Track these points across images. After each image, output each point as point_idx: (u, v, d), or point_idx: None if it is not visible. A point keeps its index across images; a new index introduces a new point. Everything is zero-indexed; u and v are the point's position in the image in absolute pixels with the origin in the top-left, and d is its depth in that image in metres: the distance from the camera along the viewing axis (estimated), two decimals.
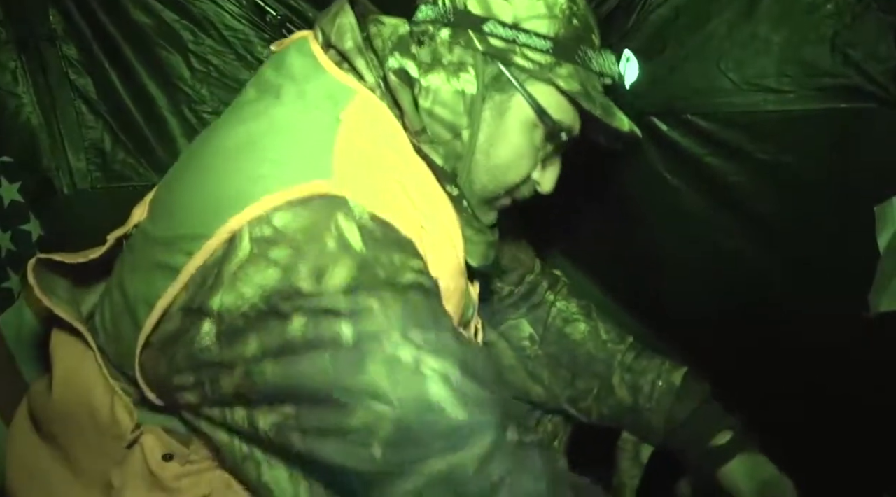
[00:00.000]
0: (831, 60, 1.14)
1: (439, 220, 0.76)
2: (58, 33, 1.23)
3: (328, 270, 0.62)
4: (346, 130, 0.70)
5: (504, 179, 0.80)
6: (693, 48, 1.22)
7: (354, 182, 0.66)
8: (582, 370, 1.03)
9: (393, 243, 0.66)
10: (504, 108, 0.76)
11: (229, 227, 0.64)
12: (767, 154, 1.23)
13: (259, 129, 0.73)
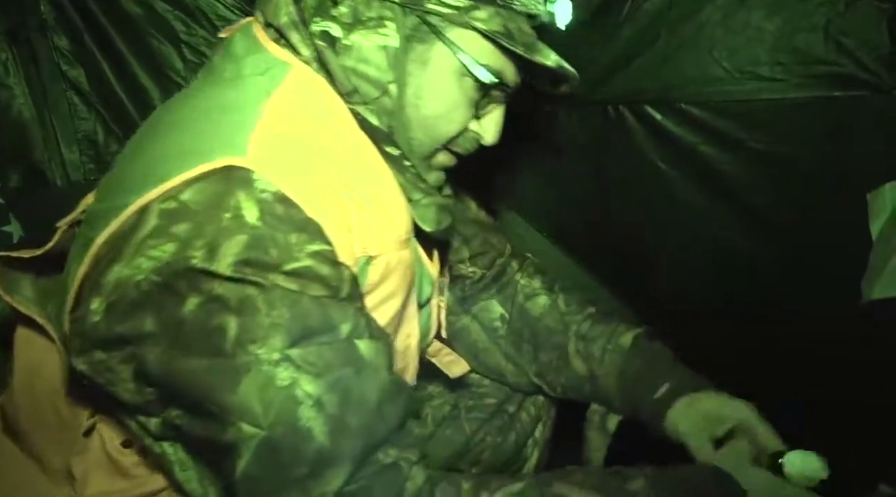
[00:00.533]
0: (824, 48, 1.14)
1: (379, 192, 0.75)
2: (49, 24, 1.23)
3: (221, 245, 0.61)
4: (274, 107, 0.69)
5: (438, 132, 0.78)
6: (686, 37, 1.22)
7: (267, 158, 0.65)
8: (543, 343, 1.02)
9: (294, 223, 0.64)
10: (427, 58, 0.74)
11: (142, 201, 0.63)
12: (761, 143, 1.23)
13: (191, 108, 0.73)
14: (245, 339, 0.61)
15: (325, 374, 0.62)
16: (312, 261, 0.64)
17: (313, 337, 0.63)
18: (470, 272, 1.04)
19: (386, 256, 0.74)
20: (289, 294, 0.62)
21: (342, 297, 0.66)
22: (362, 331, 0.66)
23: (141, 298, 0.62)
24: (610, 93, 1.33)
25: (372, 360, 0.66)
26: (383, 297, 0.76)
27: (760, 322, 1.31)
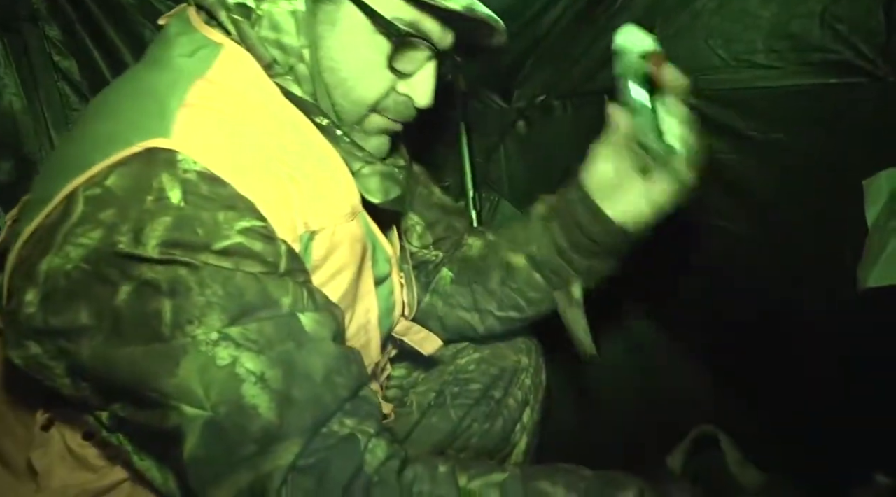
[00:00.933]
0: (820, 35, 1.13)
1: (319, 165, 0.74)
2: (41, 14, 1.21)
3: (146, 228, 0.60)
4: (202, 88, 0.69)
5: (358, 95, 0.76)
6: (681, 25, 1.21)
7: (193, 138, 0.64)
8: (484, 273, 1.01)
9: (221, 201, 0.63)
10: (336, 18, 0.72)
11: (68, 189, 0.63)
12: (757, 131, 1.22)
13: (118, 93, 0.73)
14: (181, 320, 0.60)
15: (266, 350, 0.61)
16: (243, 237, 0.62)
17: (252, 313, 0.62)
18: (433, 256, 1.04)
19: (330, 230, 0.73)
20: (221, 272, 0.61)
21: (281, 272, 0.65)
22: (305, 304, 0.65)
23: (73, 288, 0.61)
24: (605, 82, 1.32)
25: (315, 332, 0.65)
26: (332, 272, 0.75)
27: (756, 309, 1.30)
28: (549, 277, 0.96)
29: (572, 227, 0.93)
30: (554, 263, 0.95)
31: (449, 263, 1.05)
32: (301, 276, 0.68)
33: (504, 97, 1.45)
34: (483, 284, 1.01)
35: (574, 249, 0.94)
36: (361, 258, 0.80)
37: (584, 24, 1.31)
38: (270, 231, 0.66)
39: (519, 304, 1.00)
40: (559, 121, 1.41)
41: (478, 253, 1.03)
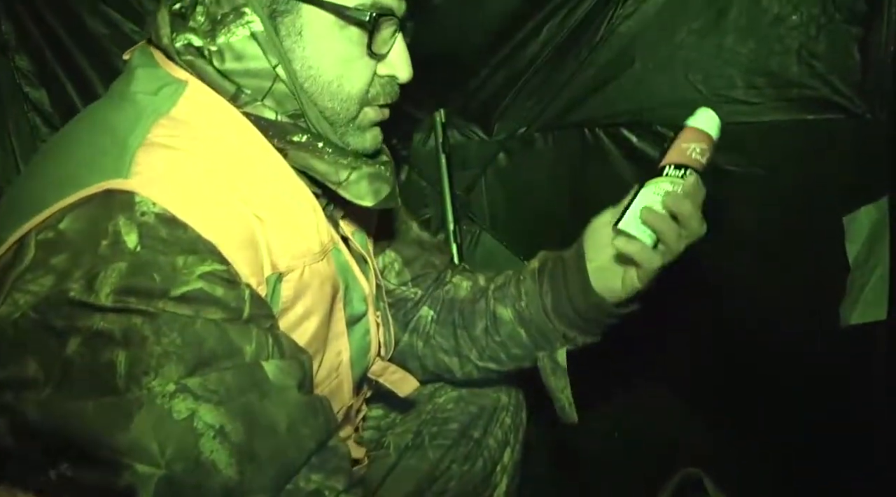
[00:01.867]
0: (798, 72, 1.15)
1: (287, 204, 0.71)
2: (10, 44, 1.19)
3: (99, 275, 0.57)
4: (164, 126, 0.66)
5: (347, 93, 0.73)
6: (661, 60, 1.23)
7: (153, 179, 0.61)
8: (470, 318, 0.96)
9: (180, 244, 0.60)
10: (300, 26, 0.70)
11: (20, 233, 0.59)
12: (737, 165, 1.23)
13: (78, 130, 0.70)
14: (136, 371, 0.56)
15: (226, 402, 0.58)
16: (204, 282, 0.59)
17: (213, 362, 0.59)
18: (412, 294, 1.01)
19: (298, 271, 0.70)
20: (179, 319, 0.58)
21: (244, 318, 0.62)
22: (270, 351, 0.62)
23: (21, 339, 0.58)
24: (585, 115, 1.33)
25: (280, 381, 0.62)
26: (301, 315, 0.72)
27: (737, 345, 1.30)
28: (534, 336, 0.94)
29: (560, 291, 0.91)
30: (540, 323, 0.93)
31: (430, 302, 1.02)
32: (266, 322, 0.65)
33: (485, 129, 1.45)
34: (467, 330, 0.99)
35: (556, 314, 0.92)
36: (332, 298, 0.77)
37: (565, 58, 1.31)
38: (233, 275, 0.62)
39: (500, 358, 0.97)
40: (540, 153, 1.41)
41: (465, 295, 1.01)
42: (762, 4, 1.15)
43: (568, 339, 0.91)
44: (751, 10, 1.15)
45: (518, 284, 0.94)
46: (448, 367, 1.01)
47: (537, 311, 0.92)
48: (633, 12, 1.23)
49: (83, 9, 1.20)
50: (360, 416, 0.97)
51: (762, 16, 1.15)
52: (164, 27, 0.71)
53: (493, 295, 0.96)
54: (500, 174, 1.47)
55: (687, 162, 0.78)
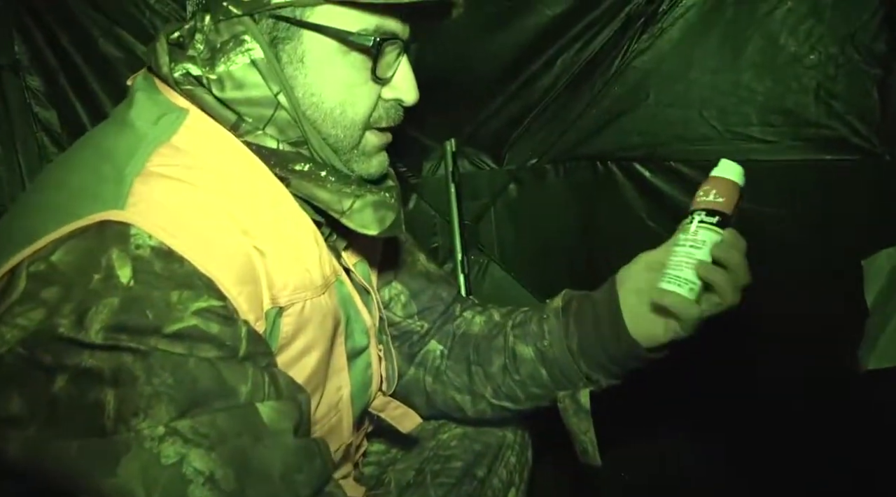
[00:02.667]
0: (816, 111, 1.13)
1: (289, 236, 0.70)
2: (22, 64, 1.20)
3: (90, 311, 0.55)
4: (163, 156, 0.65)
5: (350, 119, 0.72)
6: (676, 95, 1.22)
7: (150, 211, 0.60)
8: (486, 355, 0.93)
9: (175, 279, 0.58)
10: (302, 53, 0.69)
11: (11, 263, 0.58)
12: (750, 202, 1.19)
13: (76, 156, 0.69)
14: (125, 412, 0.54)
15: (218, 446, 0.56)
16: (199, 319, 0.57)
17: (206, 403, 0.57)
18: (418, 327, 0.99)
19: (299, 306, 0.68)
20: (172, 358, 0.56)
21: (241, 355, 0.60)
22: (266, 392, 0.60)
23: (6, 374, 0.56)
24: (598, 148, 1.32)
25: (275, 424, 0.59)
26: (302, 349, 0.70)
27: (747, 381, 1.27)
28: (556, 376, 0.91)
29: (589, 333, 0.88)
30: (564, 363, 0.90)
31: (439, 337, 1.00)
32: (263, 360, 0.63)
33: (495, 159, 1.44)
34: (483, 367, 0.96)
35: (583, 356, 0.90)
36: (333, 332, 0.75)
37: (578, 90, 1.30)
38: (230, 311, 0.60)
39: (517, 396, 0.94)
40: (551, 185, 1.40)
41: (480, 331, 0.98)
42: (779, 42, 1.14)
43: (591, 380, 0.88)
44: (768, 48, 1.14)
45: (541, 322, 0.91)
46: (459, 405, 0.98)
47: (562, 352, 0.88)
48: (649, 47, 1.22)
49: (98, 31, 1.20)
50: (360, 451, 0.94)
51: (779, 54, 1.14)
52: (163, 56, 0.70)
53: (513, 332, 0.93)
54: (509, 205, 1.45)
55: (720, 208, 0.76)
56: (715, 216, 0.76)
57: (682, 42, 1.19)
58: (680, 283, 0.74)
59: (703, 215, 0.76)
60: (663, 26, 1.20)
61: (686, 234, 0.75)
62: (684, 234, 0.76)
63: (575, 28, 1.23)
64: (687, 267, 0.75)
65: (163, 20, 1.20)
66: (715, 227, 0.75)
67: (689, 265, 0.75)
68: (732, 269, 0.76)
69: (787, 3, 1.12)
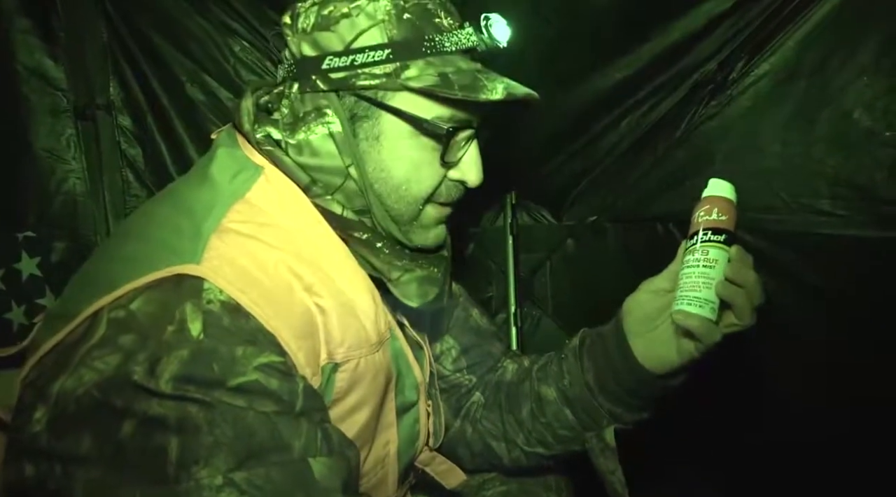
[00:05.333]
0: (888, 188, 1.10)
1: (349, 294, 0.72)
2: (115, 104, 1.28)
3: (162, 360, 0.58)
4: (239, 211, 0.68)
5: (413, 195, 0.75)
6: (742, 163, 1.20)
7: (222, 266, 0.63)
8: (515, 401, 0.94)
9: (241, 335, 0.61)
10: (377, 132, 0.72)
11: (94, 308, 0.61)
12: (816, 277, 1.18)
13: (156, 208, 0.73)
14: (187, 460, 0.57)
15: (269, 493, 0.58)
16: (260, 374, 0.60)
17: (261, 456, 0.59)
18: (466, 380, 1.00)
19: (354, 362, 0.71)
20: (233, 410, 0.59)
21: (297, 411, 0.62)
22: (318, 447, 0.62)
23: (81, 414, 0.59)
24: (660, 210, 1.32)
25: (325, 482, 0.61)
26: (353, 405, 0.72)
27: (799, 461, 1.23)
28: (580, 416, 0.91)
29: (601, 366, 0.88)
30: (585, 401, 0.90)
31: (481, 387, 1.01)
32: (317, 416, 0.65)
33: (554, 214, 1.44)
34: (514, 414, 0.97)
35: (600, 390, 0.89)
36: (385, 389, 0.77)
37: (642, 151, 1.30)
38: (289, 367, 0.63)
39: (547, 441, 0.94)
40: (609, 243, 1.40)
41: (511, 378, 0.99)
42: (853, 117, 1.12)
43: (614, 416, 0.87)
44: (841, 122, 1.12)
45: (560, 363, 0.91)
46: (496, 453, 0.98)
47: (581, 389, 0.88)
48: (717, 114, 1.22)
49: (185, 76, 1.28)
50: None
51: (852, 128, 1.11)
52: (247, 116, 0.74)
53: (537, 375, 0.94)
54: (566, 260, 1.46)
55: (725, 226, 0.75)
56: (721, 234, 0.75)
57: (752, 111, 1.18)
58: (701, 303, 0.73)
59: (711, 234, 0.74)
60: (733, 94, 1.20)
61: (696, 255, 0.74)
62: (693, 254, 0.75)
63: (642, 91, 1.24)
64: (705, 287, 0.73)
65: (246, 68, 1.27)
66: (723, 244, 0.74)
67: (706, 285, 0.73)
68: (749, 287, 0.74)
69: (863, 78, 1.11)
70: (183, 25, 1.25)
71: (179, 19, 1.24)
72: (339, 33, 0.70)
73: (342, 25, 0.70)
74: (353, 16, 0.69)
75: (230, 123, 0.78)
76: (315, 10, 0.71)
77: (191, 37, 1.25)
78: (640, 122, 1.28)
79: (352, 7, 0.70)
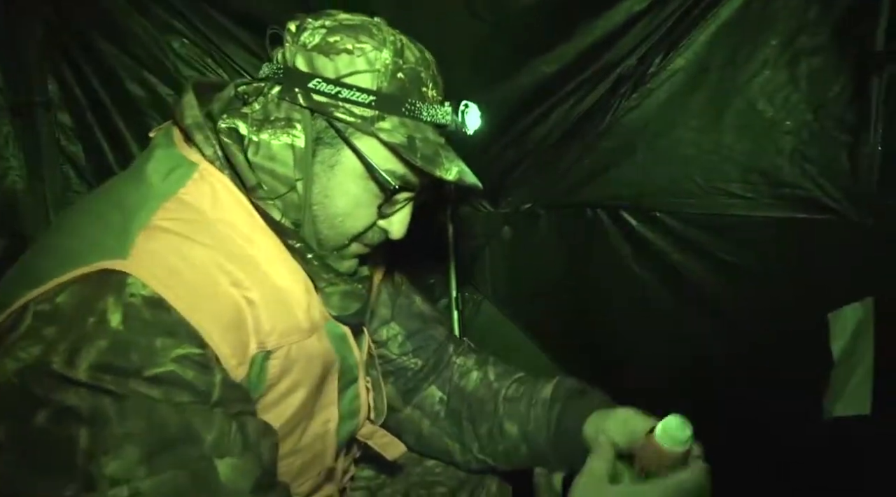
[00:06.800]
0: (791, 172, 1.21)
1: (280, 284, 0.75)
2: (54, 102, 1.27)
3: (81, 350, 0.60)
4: (170, 208, 0.71)
5: (344, 229, 0.79)
6: (661, 152, 1.29)
7: (149, 261, 0.65)
8: (478, 416, 0.99)
9: (161, 327, 0.63)
10: (334, 162, 0.76)
11: (22, 301, 0.63)
12: (730, 254, 1.28)
13: (89, 205, 0.75)
14: (96, 451, 0.59)
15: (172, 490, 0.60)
16: (177, 365, 0.63)
17: (171, 448, 0.61)
18: (412, 364, 1.05)
19: (285, 349, 0.74)
20: (146, 401, 0.61)
21: (212, 402, 0.65)
22: (231, 441, 0.65)
23: (0, 402, 0.61)
24: (588, 196, 1.39)
25: (232, 485, 0.63)
26: (288, 389, 0.76)
27: (726, 421, 1.32)
28: (535, 457, 0.98)
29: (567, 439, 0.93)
30: (545, 450, 0.97)
31: (439, 383, 1.06)
32: (235, 407, 0.67)
33: (492, 202, 1.51)
34: (473, 424, 1.02)
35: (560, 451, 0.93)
36: (323, 373, 0.81)
37: (571, 142, 1.37)
38: (208, 359, 0.65)
39: (498, 458, 1.01)
40: (543, 229, 1.46)
41: (474, 390, 1.04)
42: (758, 108, 1.22)
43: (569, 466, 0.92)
44: (747, 112, 1.22)
45: (529, 407, 0.98)
46: (449, 451, 1.04)
47: (544, 440, 0.96)
48: (637, 106, 1.29)
49: (124, 73, 1.28)
50: (347, 476, 1.00)
51: (757, 118, 1.21)
52: (190, 109, 0.77)
53: (503, 405, 1.00)
54: (503, 245, 1.52)
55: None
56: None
57: (669, 102, 1.27)
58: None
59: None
60: (651, 87, 1.28)
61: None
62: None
63: (569, 85, 1.31)
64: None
65: (186, 64, 1.28)
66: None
67: None
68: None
69: (766, 72, 1.21)
70: (121, 22, 1.24)
71: (118, 16, 1.24)
72: (336, 64, 0.74)
73: (341, 58, 0.74)
74: (354, 54, 0.74)
75: (170, 120, 0.80)
76: (322, 33, 0.75)
77: (129, 34, 1.25)
78: (568, 114, 1.34)
79: (356, 46, 0.74)
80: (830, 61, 1.16)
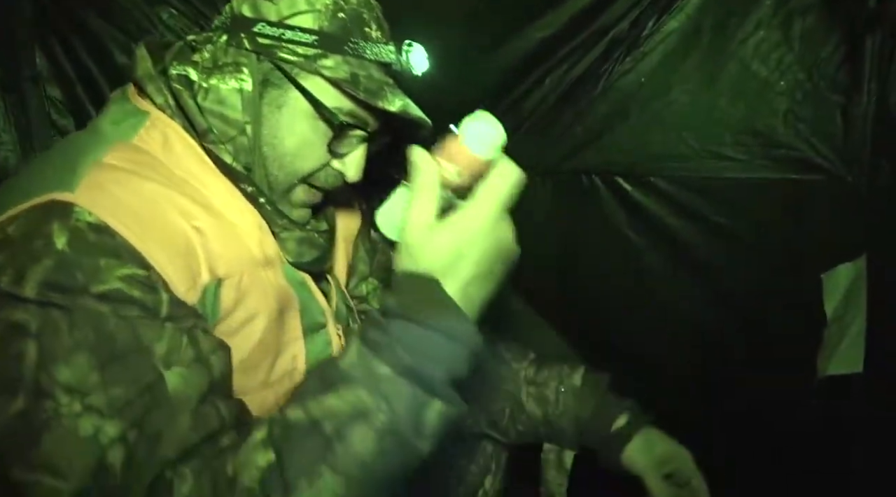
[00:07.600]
0: (784, 133, 1.21)
1: (230, 218, 0.77)
2: (43, 75, 1.26)
3: (28, 269, 0.63)
4: (119, 151, 0.73)
5: (294, 168, 0.81)
6: (656, 115, 1.28)
7: (96, 193, 0.68)
8: (492, 393, 1.04)
9: (105, 249, 0.65)
10: (282, 102, 0.79)
11: None
12: (723, 217, 1.29)
13: (48, 152, 0.79)
14: (46, 361, 0.61)
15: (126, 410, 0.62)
16: (122, 283, 0.65)
17: (122, 358, 0.63)
18: None
19: (237, 277, 0.76)
20: (95, 315, 0.63)
21: (161, 317, 0.66)
22: (181, 353, 0.66)
23: None
24: (583, 163, 1.39)
25: (181, 395, 0.64)
26: (245, 318, 0.77)
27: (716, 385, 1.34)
28: (552, 436, 1.03)
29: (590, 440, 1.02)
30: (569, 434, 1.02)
31: None
32: (186, 321, 0.69)
33: None
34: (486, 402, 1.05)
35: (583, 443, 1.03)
36: (278, 307, 0.82)
37: (565, 108, 1.37)
38: (153, 281, 0.67)
39: (507, 433, 1.05)
40: (539, 196, 1.46)
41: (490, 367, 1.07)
42: (752, 69, 1.21)
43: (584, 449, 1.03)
44: (741, 74, 1.21)
45: (558, 394, 1.04)
46: None
47: (564, 424, 1.01)
48: (631, 69, 1.29)
49: (113, 45, 1.27)
50: None
51: (751, 80, 1.21)
52: (142, 61, 0.80)
53: (527, 388, 1.05)
54: None
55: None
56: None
57: (661, 67, 1.26)
58: None
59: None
60: (645, 51, 1.27)
61: None
62: None
63: (562, 50, 1.30)
64: None
65: (174, 34, 1.27)
66: None
67: None
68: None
69: (759, 33, 1.20)
70: None
71: None
72: (278, 7, 0.77)
73: (284, 1, 0.77)
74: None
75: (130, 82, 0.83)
76: None
77: (117, 5, 1.24)
78: (562, 80, 1.34)
79: None
80: (823, 21, 1.15)
